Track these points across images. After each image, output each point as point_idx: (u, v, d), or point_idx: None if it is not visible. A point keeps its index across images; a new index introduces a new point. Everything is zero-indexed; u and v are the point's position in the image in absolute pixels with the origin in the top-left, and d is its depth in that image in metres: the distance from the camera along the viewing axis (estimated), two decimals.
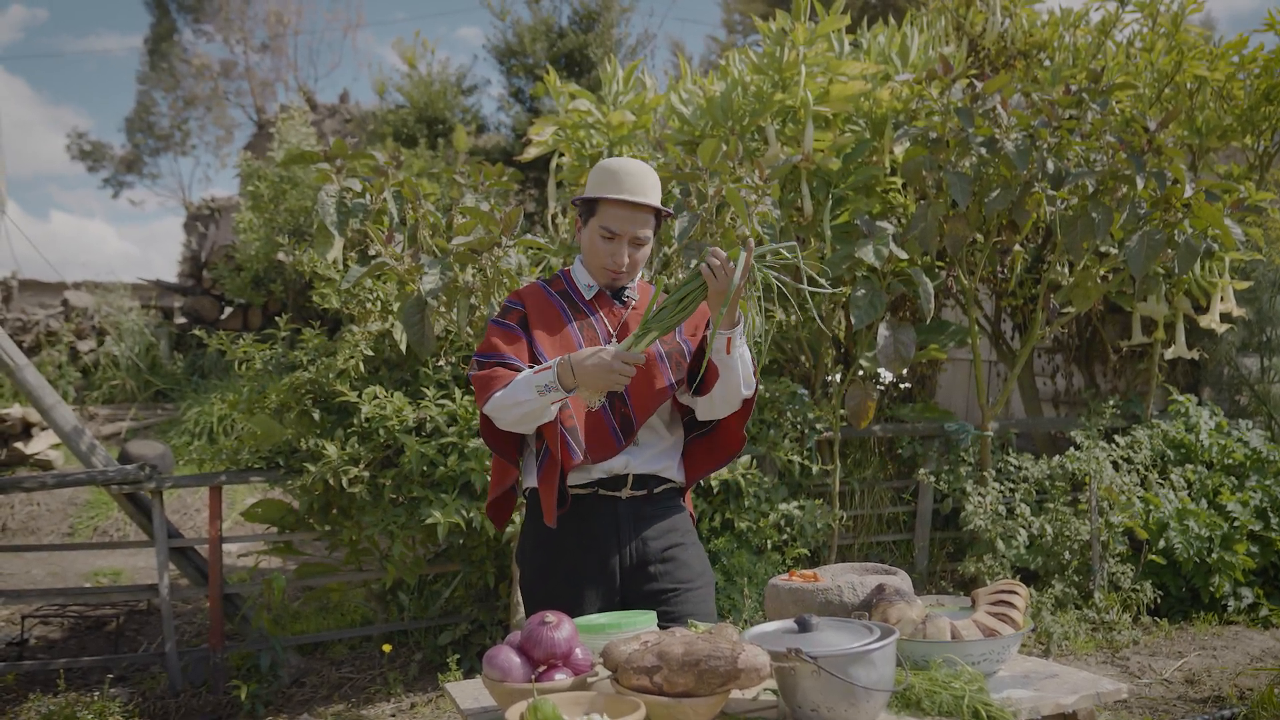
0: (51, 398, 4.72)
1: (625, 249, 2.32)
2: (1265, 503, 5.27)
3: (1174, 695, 4.12)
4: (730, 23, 19.03)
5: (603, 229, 2.31)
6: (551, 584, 2.30)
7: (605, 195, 2.30)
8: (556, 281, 2.46)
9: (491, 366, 2.28)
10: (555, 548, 2.31)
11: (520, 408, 2.17)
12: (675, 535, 2.36)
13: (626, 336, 2.30)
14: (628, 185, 2.30)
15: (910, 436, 5.52)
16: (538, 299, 2.40)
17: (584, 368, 2.09)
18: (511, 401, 2.18)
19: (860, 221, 4.46)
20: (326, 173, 3.61)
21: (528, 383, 2.17)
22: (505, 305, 2.42)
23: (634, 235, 2.31)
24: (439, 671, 4.43)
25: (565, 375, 2.12)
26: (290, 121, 11.53)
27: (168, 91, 23.87)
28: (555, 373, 2.13)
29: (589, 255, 2.37)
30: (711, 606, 2.39)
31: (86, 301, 11.64)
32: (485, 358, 2.31)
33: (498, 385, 2.21)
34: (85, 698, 4.24)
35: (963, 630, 1.87)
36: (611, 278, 2.36)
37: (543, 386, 2.14)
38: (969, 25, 5.91)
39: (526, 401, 2.16)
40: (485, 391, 2.24)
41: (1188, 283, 5.17)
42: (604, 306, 2.40)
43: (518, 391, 2.17)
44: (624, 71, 5.27)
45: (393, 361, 4.65)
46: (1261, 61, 5.65)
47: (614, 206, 2.30)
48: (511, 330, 2.34)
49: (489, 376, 2.24)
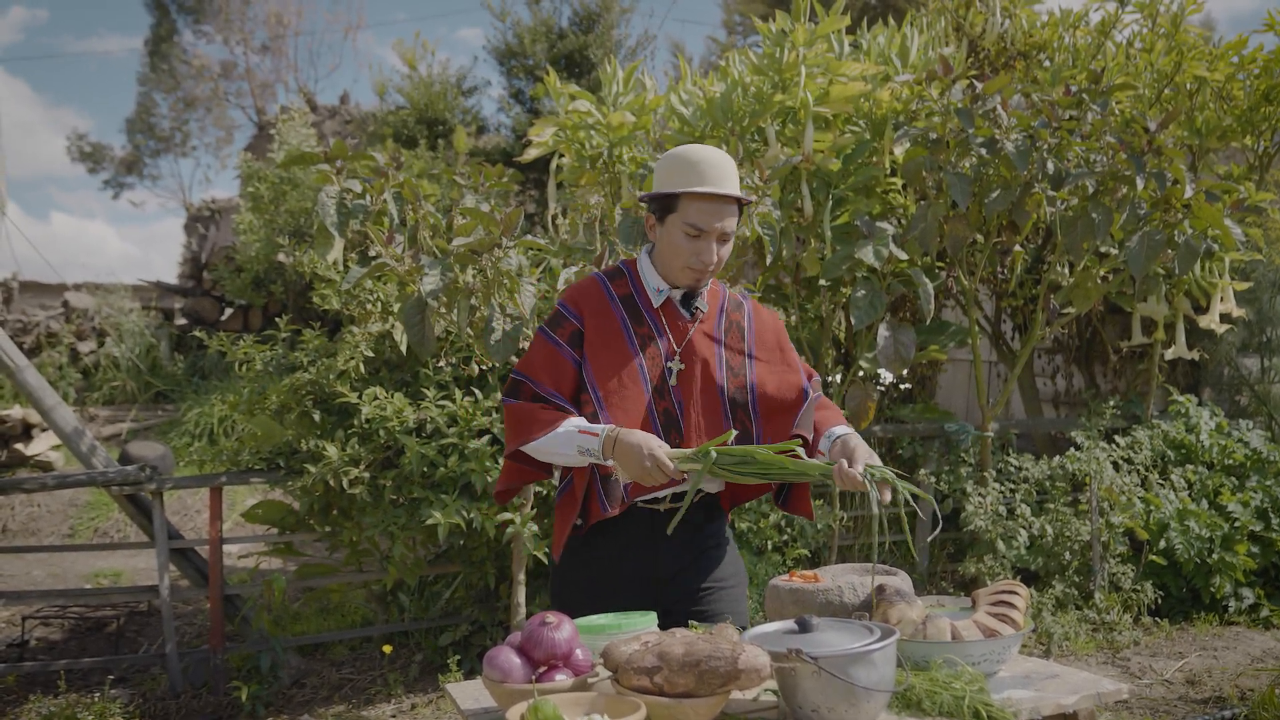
0: (52, 399, 4.72)
1: (714, 246, 2.14)
2: (1266, 503, 5.26)
3: (1175, 696, 4.12)
4: (730, 23, 19.04)
5: (687, 226, 2.12)
6: (586, 592, 2.23)
7: (689, 189, 2.11)
8: (620, 281, 2.25)
9: (529, 394, 2.15)
10: (590, 556, 2.25)
11: (556, 458, 2.12)
12: (710, 539, 2.31)
13: (691, 355, 2.21)
14: (711, 176, 2.12)
15: (910, 437, 5.52)
16: (598, 307, 2.21)
17: (624, 451, 2.00)
18: (549, 450, 2.11)
19: (860, 222, 4.46)
20: (327, 174, 3.61)
21: (569, 439, 2.08)
22: (560, 311, 2.21)
23: (722, 231, 2.14)
24: (439, 672, 4.43)
25: (608, 447, 2.04)
26: (290, 123, 11.53)
27: (168, 93, 23.88)
28: (600, 442, 2.04)
29: (669, 255, 2.17)
30: (744, 606, 2.33)
31: (87, 303, 11.65)
32: (523, 378, 2.17)
33: (537, 432, 2.10)
34: (86, 699, 4.24)
35: (963, 631, 1.87)
36: (696, 278, 2.19)
37: (584, 449, 2.06)
38: (969, 26, 5.91)
39: (564, 455, 2.10)
40: (523, 434, 2.12)
41: (1188, 283, 5.17)
42: (670, 318, 2.22)
43: (557, 443, 2.09)
44: (624, 72, 5.27)
45: (393, 362, 4.66)
46: (1261, 62, 5.65)
47: (699, 201, 2.12)
48: (560, 351, 2.17)
49: (527, 417, 2.12)
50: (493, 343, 3.53)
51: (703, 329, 2.25)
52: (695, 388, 2.22)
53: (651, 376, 2.18)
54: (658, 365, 2.19)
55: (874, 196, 4.96)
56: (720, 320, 2.29)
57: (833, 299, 4.89)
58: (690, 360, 2.21)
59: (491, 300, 3.58)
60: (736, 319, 2.32)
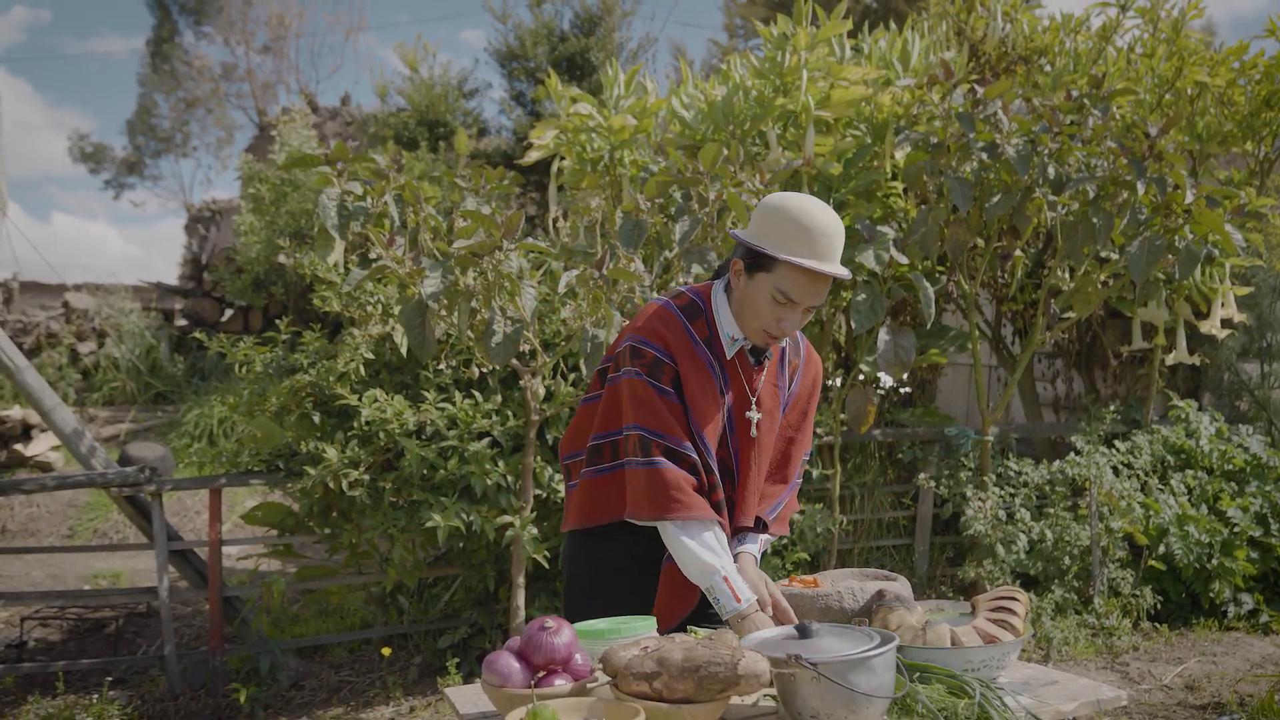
0: (51, 400, 4.72)
1: (799, 317, 2.03)
2: (1265, 509, 5.26)
3: (1174, 701, 4.11)
4: (732, 27, 19.04)
5: (778, 293, 1.99)
6: (602, 599, 2.20)
7: (794, 259, 1.95)
8: (699, 322, 2.11)
9: (660, 449, 2.01)
10: (608, 565, 2.23)
11: (678, 558, 2.02)
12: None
13: (762, 405, 2.15)
14: (822, 249, 1.97)
15: (910, 441, 5.52)
16: (686, 350, 2.07)
17: (744, 629, 1.94)
18: (680, 550, 2.00)
19: (861, 226, 4.46)
20: (327, 176, 3.61)
21: (706, 571, 1.98)
22: (655, 358, 2.04)
23: (810, 305, 2.02)
24: (438, 675, 4.42)
25: (735, 622, 1.96)
26: (291, 124, 11.53)
27: (169, 93, 23.89)
28: (732, 610, 1.96)
29: (749, 313, 2.05)
30: None
31: (87, 303, 11.64)
32: (657, 436, 2.01)
33: (694, 515, 1.98)
34: (84, 700, 4.24)
35: (963, 636, 1.86)
36: (767, 342, 2.08)
37: (713, 593, 1.98)
38: (970, 30, 5.91)
39: (688, 569, 2.01)
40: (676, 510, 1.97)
41: (1188, 288, 5.17)
42: (743, 367, 2.14)
43: (692, 559, 1.98)
44: (625, 75, 5.27)
45: (393, 365, 4.66)
46: (1262, 67, 5.66)
47: (800, 273, 1.97)
48: (670, 399, 2.04)
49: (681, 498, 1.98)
50: (493, 345, 3.53)
51: (769, 379, 2.19)
52: (761, 439, 2.19)
53: (739, 428, 2.14)
54: (723, 415, 2.12)
55: (875, 200, 4.96)
56: (783, 368, 2.23)
57: (833, 303, 4.89)
58: (761, 410, 2.17)
59: (492, 303, 3.58)
60: (795, 365, 2.27)
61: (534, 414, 4.07)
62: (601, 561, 2.25)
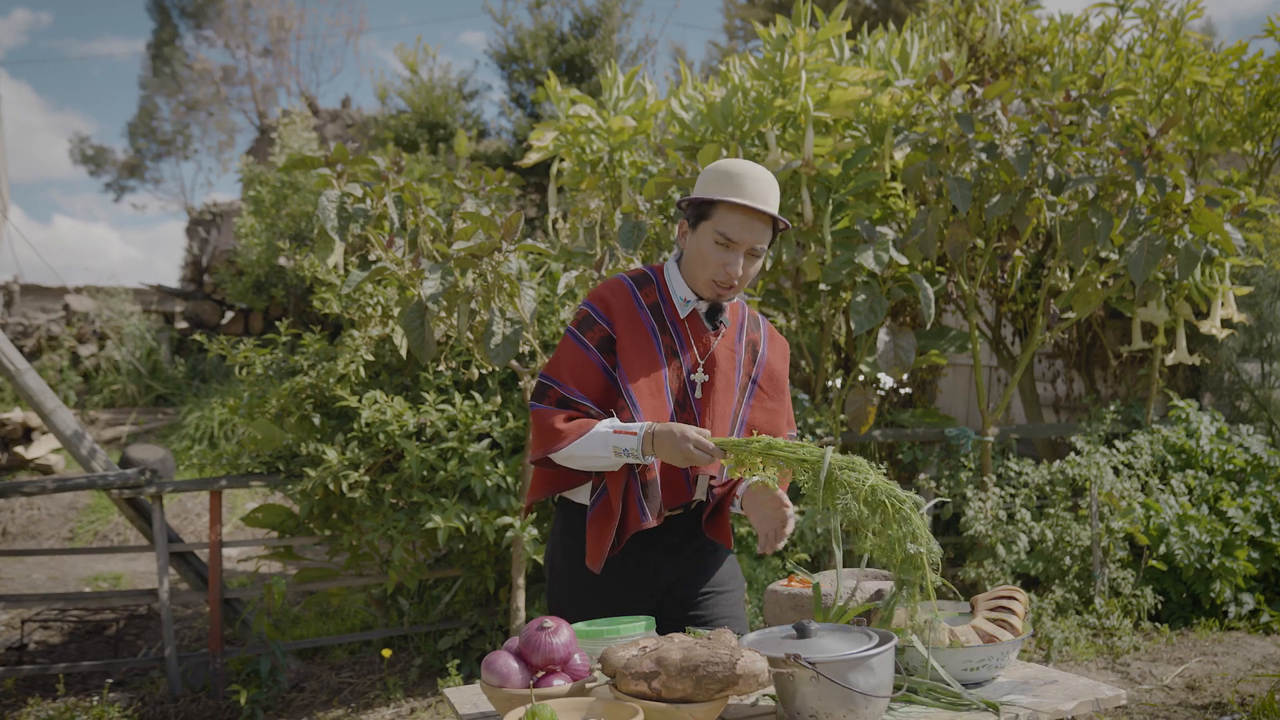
0: (52, 402, 4.72)
1: (741, 260, 2.13)
2: (1266, 508, 5.26)
3: (1175, 702, 4.11)
4: (731, 28, 19.05)
5: (719, 234, 2.11)
6: (583, 600, 2.21)
7: (726, 198, 2.10)
8: (648, 288, 2.23)
9: (555, 398, 2.13)
10: (580, 557, 2.23)
11: (589, 461, 2.09)
12: (709, 545, 2.30)
13: (713, 368, 2.20)
14: (750, 190, 2.11)
15: (911, 442, 5.52)
16: (627, 312, 2.19)
17: (664, 440, 1.99)
18: (582, 456, 2.08)
19: (861, 227, 4.47)
20: (327, 178, 3.62)
21: (604, 441, 2.05)
22: (588, 314, 2.19)
23: (752, 245, 2.12)
24: (439, 676, 4.43)
25: (647, 443, 2.02)
26: (292, 126, 11.54)
27: (170, 96, 23.93)
28: (639, 440, 2.02)
29: (696, 264, 2.16)
30: (742, 611, 2.34)
31: (88, 306, 11.65)
32: (551, 382, 2.15)
33: (567, 439, 2.07)
34: (85, 702, 4.24)
35: (962, 636, 1.86)
36: (719, 293, 2.16)
37: (621, 449, 2.04)
38: (969, 31, 5.92)
39: (599, 459, 2.07)
40: (551, 442, 2.09)
41: (1188, 288, 5.17)
42: (695, 331, 2.22)
43: (591, 446, 2.06)
44: (625, 77, 5.28)
45: (393, 366, 4.66)
46: (1261, 67, 5.66)
47: (735, 211, 2.11)
48: (588, 352, 2.15)
49: (555, 428, 2.09)
50: (493, 347, 3.53)
51: (725, 342, 2.25)
52: (715, 400, 2.23)
53: (674, 388, 2.18)
54: (679, 377, 2.19)
55: (874, 201, 4.97)
56: (741, 337, 2.29)
57: (833, 304, 4.89)
58: (712, 372, 2.22)
59: (492, 304, 3.58)
60: (754, 339, 2.32)
61: None
62: (569, 551, 2.26)
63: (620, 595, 2.22)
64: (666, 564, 2.25)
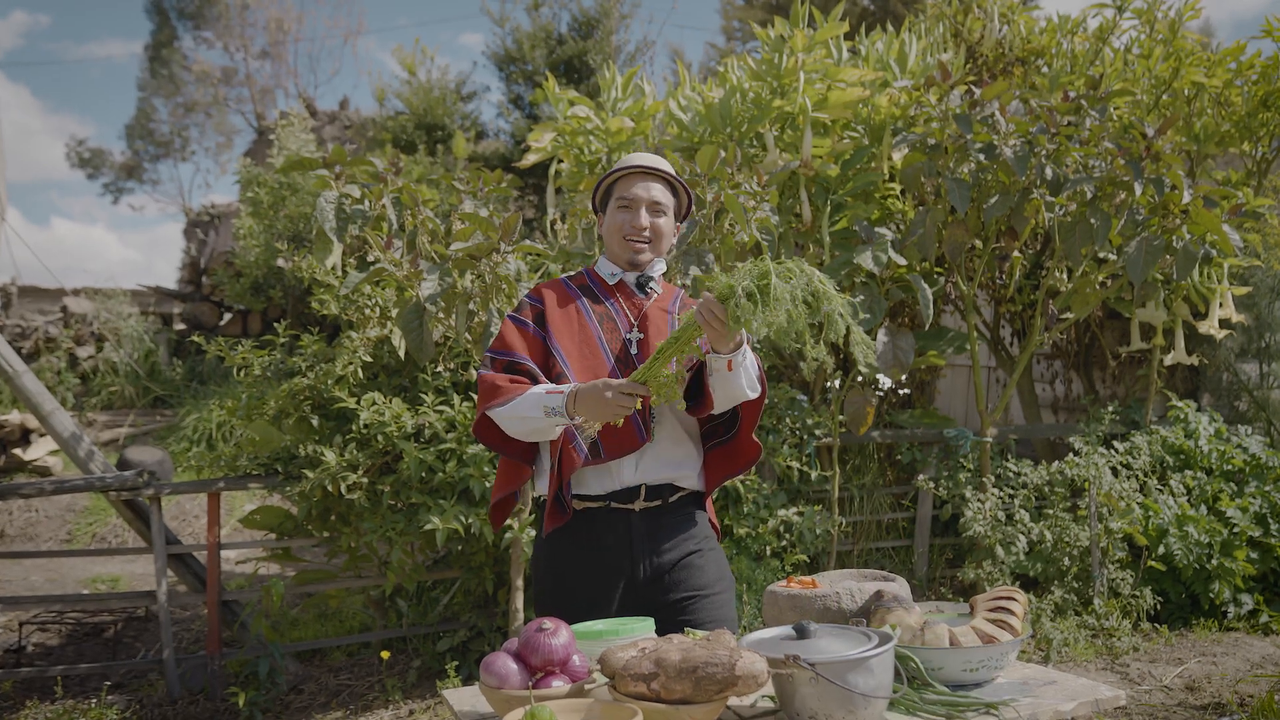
0: (50, 404, 4.71)
1: (644, 214, 2.32)
2: (1265, 509, 5.26)
3: (1174, 702, 4.11)
4: (729, 29, 19.06)
5: (619, 199, 2.34)
6: (566, 599, 2.24)
7: (615, 169, 2.36)
8: (579, 277, 2.45)
9: (501, 365, 2.27)
10: (569, 563, 2.25)
11: (526, 423, 2.17)
12: (691, 543, 2.30)
13: (646, 326, 2.31)
14: (636, 159, 2.36)
15: (909, 443, 5.51)
16: (557, 293, 2.39)
17: (585, 397, 2.06)
18: (517, 415, 2.16)
19: (859, 228, 4.47)
20: (326, 179, 3.62)
21: (536, 401, 2.14)
22: (523, 300, 2.40)
23: (650, 200, 2.33)
24: (437, 678, 4.42)
25: (570, 400, 2.09)
26: (290, 128, 11.54)
27: (168, 98, 23.91)
28: (564, 399, 2.10)
29: (610, 237, 2.37)
30: (732, 612, 2.34)
31: (86, 308, 11.64)
32: (496, 354, 2.30)
33: (505, 396, 2.18)
34: (83, 705, 4.23)
35: (961, 637, 1.86)
36: (634, 250, 2.34)
37: (550, 409, 2.12)
38: (967, 32, 5.92)
39: (532, 419, 2.15)
40: (491, 398, 2.20)
41: (1186, 289, 5.17)
42: (624, 295, 2.38)
43: (524, 407, 2.15)
44: (623, 78, 5.28)
45: (391, 367, 4.65)
46: (1259, 68, 5.66)
47: (626, 176, 2.35)
48: (525, 326, 2.32)
49: (496, 384, 2.22)
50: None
51: (658, 304, 2.38)
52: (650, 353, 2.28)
53: (613, 348, 2.30)
54: (618, 338, 2.32)
55: (873, 202, 4.97)
56: (674, 303, 2.41)
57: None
58: (647, 330, 2.33)
59: (490, 305, 3.58)
60: (689, 304, 2.42)
61: None
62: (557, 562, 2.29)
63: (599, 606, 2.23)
64: (644, 560, 2.26)
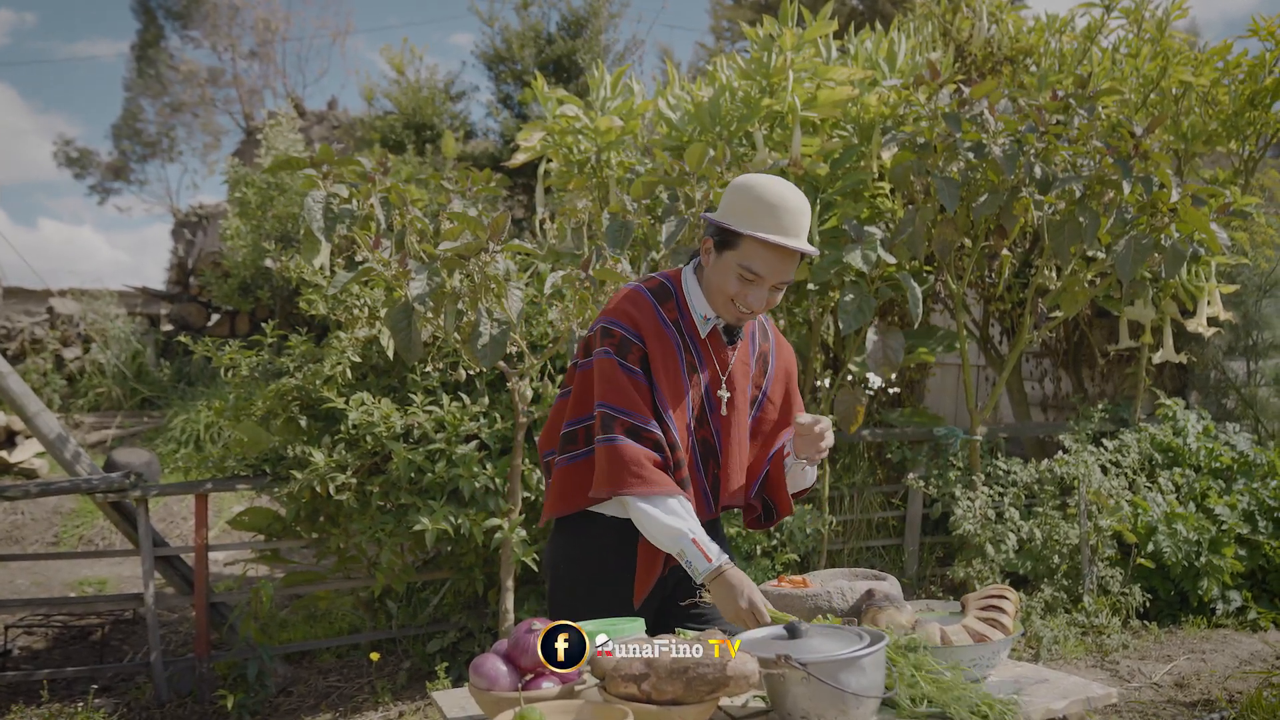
0: (35, 405, 4.68)
1: (766, 293, 2.05)
2: (1253, 506, 5.28)
3: (1163, 699, 4.12)
4: (718, 29, 19.07)
5: (744, 269, 2.02)
6: (587, 602, 2.15)
7: (756, 234, 1.99)
8: (668, 302, 2.14)
9: (624, 427, 2.01)
10: (594, 568, 2.20)
11: (649, 531, 2.01)
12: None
13: (733, 384, 2.17)
14: (786, 224, 2.01)
15: (899, 441, 5.52)
16: (654, 330, 2.10)
17: (723, 589, 1.93)
18: (649, 523, 1.99)
19: (848, 226, 4.46)
20: (313, 179, 3.59)
21: (676, 537, 1.97)
22: (623, 337, 2.07)
23: (778, 281, 2.05)
24: (427, 680, 4.40)
25: (710, 579, 1.95)
26: (278, 128, 11.50)
27: (155, 98, 23.79)
28: (706, 570, 1.95)
29: (718, 289, 2.07)
30: None
31: (72, 309, 11.57)
32: (617, 412, 2.02)
33: (651, 490, 1.98)
34: (69, 709, 4.20)
35: (952, 635, 1.86)
36: (739, 319, 2.11)
37: (684, 556, 1.97)
38: (956, 31, 5.93)
39: (659, 540, 2.00)
40: (634, 483, 1.98)
41: (1175, 287, 5.19)
42: (714, 347, 2.17)
43: (661, 527, 1.98)
44: (612, 77, 5.27)
45: (380, 368, 4.63)
46: (1246, 67, 5.69)
47: (763, 248, 2.01)
48: (635, 376, 2.05)
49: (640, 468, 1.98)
50: (480, 347, 3.51)
51: (740, 356, 2.22)
52: (735, 417, 2.21)
53: (694, 405, 2.14)
54: (699, 393, 2.14)
55: (862, 201, 4.97)
56: (753, 349, 2.26)
57: (821, 303, 4.89)
58: (733, 389, 2.19)
59: (479, 305, 3.57)
60: (764, 351, 2.29)
61: (521, 416, 4.05)
62: (579, 561, 2.22)
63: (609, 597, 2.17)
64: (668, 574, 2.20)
